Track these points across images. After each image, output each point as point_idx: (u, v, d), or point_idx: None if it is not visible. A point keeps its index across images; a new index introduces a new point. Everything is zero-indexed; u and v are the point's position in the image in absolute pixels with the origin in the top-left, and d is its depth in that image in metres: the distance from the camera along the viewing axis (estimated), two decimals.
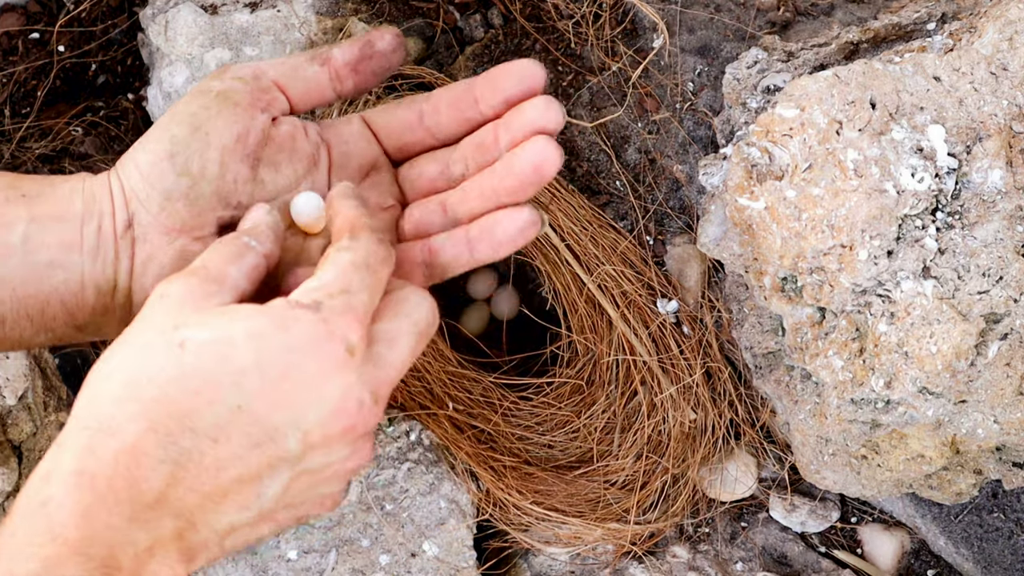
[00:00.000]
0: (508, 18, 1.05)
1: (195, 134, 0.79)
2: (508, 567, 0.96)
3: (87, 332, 0.81)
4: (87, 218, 0.79)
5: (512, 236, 0.81)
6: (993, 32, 0.83)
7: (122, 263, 0.79)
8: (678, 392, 0.96)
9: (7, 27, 1.07)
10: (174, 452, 0.68)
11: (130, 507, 0.68)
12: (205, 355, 0.69)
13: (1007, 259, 0.79)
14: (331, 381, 0.71)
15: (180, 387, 0.69)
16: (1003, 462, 0.88)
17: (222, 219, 0.80)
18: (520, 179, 0.81)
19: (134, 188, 0.79)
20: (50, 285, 0.78)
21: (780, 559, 0.97)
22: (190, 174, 0.79)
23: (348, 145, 0.84)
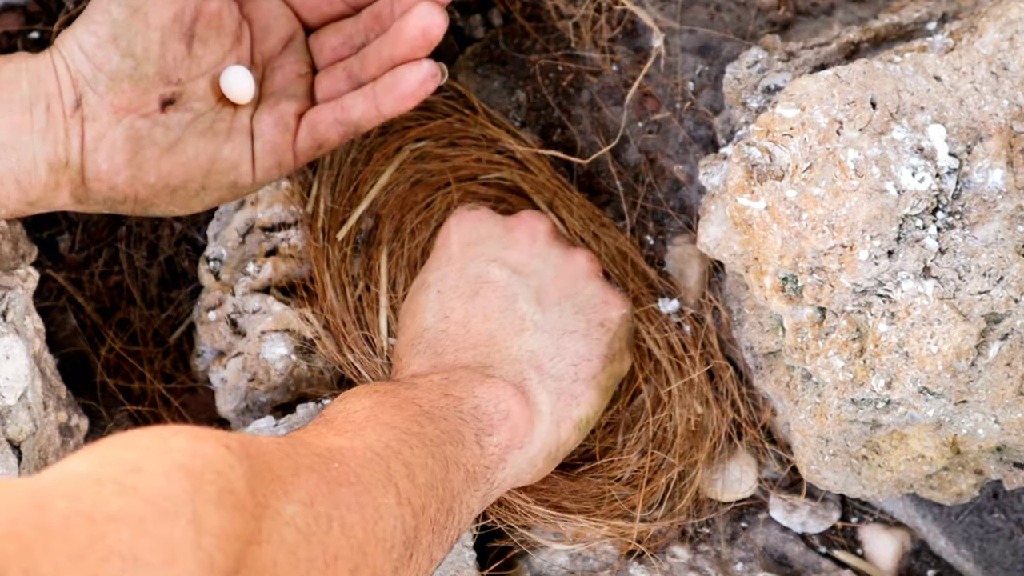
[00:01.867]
0: (508, 18, 1.05)
1: (135, 16, 0.83)
2: (509, 567, 0.96)
3: (38, 206, 0.84)
4: (35, 100, 0.82)
5: (414, 88, 0.87)
6: (994, 32, 0.83)
7: (72, 141, 0.83)
8: (683, 387, 0.96)
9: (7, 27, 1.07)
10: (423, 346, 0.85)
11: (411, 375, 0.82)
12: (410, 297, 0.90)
13: (1008, 259, 0.79)
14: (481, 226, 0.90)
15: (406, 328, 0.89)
16: (1004, 462, 0.88)
17: (164, 96, 0.84)
18: (410, 44, 0.86)
19: (80, 70, 0.83)
20: (4, 166, 0.82)
21: (780, 559, 0.97)
22: (134, 55, 0.83)
23: (268, 19, 0.89)
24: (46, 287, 1.03)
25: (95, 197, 0.85)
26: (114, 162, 0.83)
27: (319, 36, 0.91)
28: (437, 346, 0.84)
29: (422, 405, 0.76)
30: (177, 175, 0.85)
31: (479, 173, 1.00)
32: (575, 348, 0.86)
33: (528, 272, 0.87)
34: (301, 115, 0.89)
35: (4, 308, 0.88)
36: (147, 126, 0.84)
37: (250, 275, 0.97)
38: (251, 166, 0.87)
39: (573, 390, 0.85)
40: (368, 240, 0.99)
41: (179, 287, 1.05)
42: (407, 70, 0.87)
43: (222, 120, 0.87)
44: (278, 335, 0.96)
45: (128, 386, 1.02)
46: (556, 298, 0.87)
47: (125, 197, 0.85)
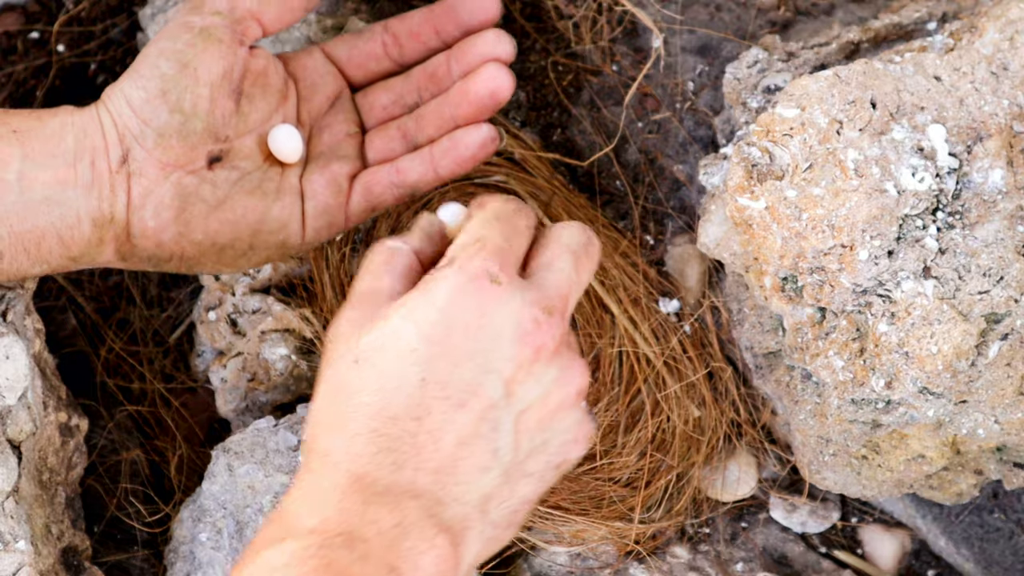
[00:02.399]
0: (508, 18, 1.05)
1: (184, 71, 0.82)
2: (508, 567, 0.96)
3: (81, 262, 0.83)
4: (79, 154, 0.81)
5: (474, 151, 0.85)
6: (994, 32, 0.83)
7: (118, 197, 0.82)
8: (682, 390, 0.96)
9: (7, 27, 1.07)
10: (385, 442, 0.69)
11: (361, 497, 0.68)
12: (376, 354, 0.70)
13: (1008, 259, 0.79)
14: (496, 315, 0.70)
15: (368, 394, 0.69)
16: (1004, 462, 0.88)
17: (211, 152, 0.83)
18: (476, 104, 0.85)
19: (127, 125, 0.82)
20: (46, 220, 0.80)
21: (780, 559, 0.97)
22: (182, 111, 0.82)
23: (313, 78, 0.88)
24: (46, 287, 1.03)
25: (140, 254, 0.83)
26: (161, 219, 0.82)
27: (367, 95, 0.90)
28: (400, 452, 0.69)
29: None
30: (225, 234, 0.84)
31: (476, 175, 1.00)
32: (524, 492, 0.73)
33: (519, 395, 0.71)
34: (353, 176, 0.87)
35: (4, 308, 0.88)
36: (195, 183, 0.83)
37: (250, 275, 0.97)
38: (301, 226, 0.86)
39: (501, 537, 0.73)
40: (366, 239, 0.99)
41: (179, 287, 1.05)
42: (466, 133, 0.85)
43: (270, 179, 0.85)
44: (278, 335, 0.96)
45: (128, 386, 1.02)
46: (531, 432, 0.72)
47: (171, 255, 0.84)
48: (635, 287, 0.98)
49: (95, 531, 0.96)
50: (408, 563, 0.67)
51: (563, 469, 0.75)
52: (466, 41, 0.87)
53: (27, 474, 0.86)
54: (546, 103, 1.03)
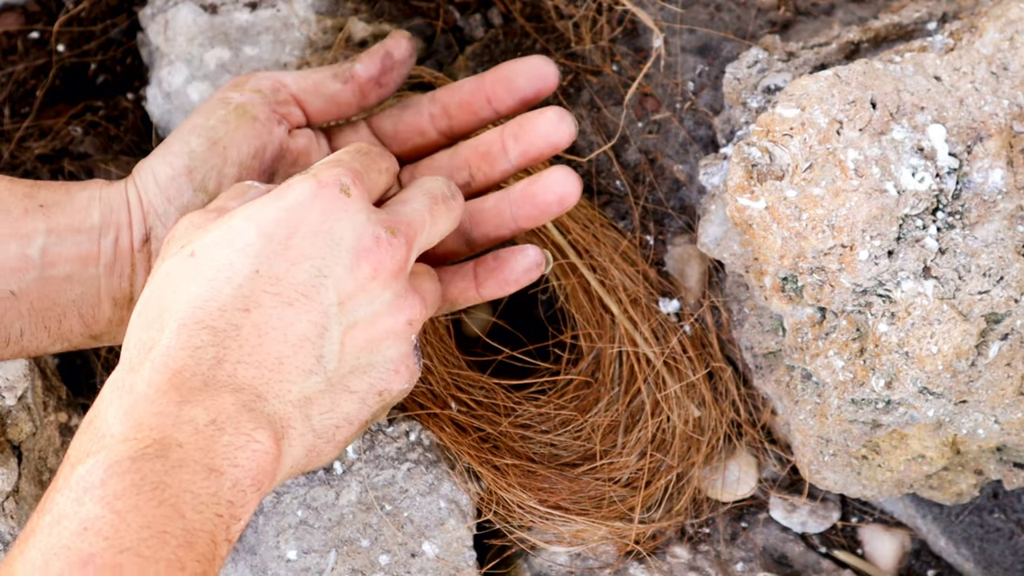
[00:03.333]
0: (508, 18, 1.05)
1: (213, 148, 0.80)
2: (508, 567, 0.96)
3: (102, 340, 0.81)
4: (104, 230, 0.79)
5: (518, 276, 0.82)
6: (994, 32, 0.83)
7: (139, 276, 0.80)
8: (682, 390, 0.96)
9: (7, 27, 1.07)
10: (207, 336, 0.68)
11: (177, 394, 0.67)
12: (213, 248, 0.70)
13: (1008, 259, 0.79)
14: (338, 222, 0.71)
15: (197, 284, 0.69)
16: (1004, 462, 0.88)
17: None
18: (541, 210, 0.82)
19: (152, 202, 0.80)
20: (67, 298, 0.78)
21: (780, 559, 0.97)
22: (207, 191, 0.80)
23: None
24: None
25: None
26: None
27: (415, 172, 0.86)
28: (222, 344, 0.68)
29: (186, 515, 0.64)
30: None
31: None
32: (346, 409, 0.73)
33: (349, 308, 0.71)
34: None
35: None
36: None
37: None
38: None
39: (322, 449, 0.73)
40: None
41: None
42: (512, 256, 0.82)
43: None
44: None
45: None
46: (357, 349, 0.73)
47: None
48: (635, 287, 0.98)
49: None
50: (226, 460, 0.66)
51: (385, 400, 0.75)
52: (525, 119, 0.84)
53: (27, 474, 0.86)
54: (546, 103, 1.03)
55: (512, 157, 0.84)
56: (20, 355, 0.80)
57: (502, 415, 0.97)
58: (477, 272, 0.82)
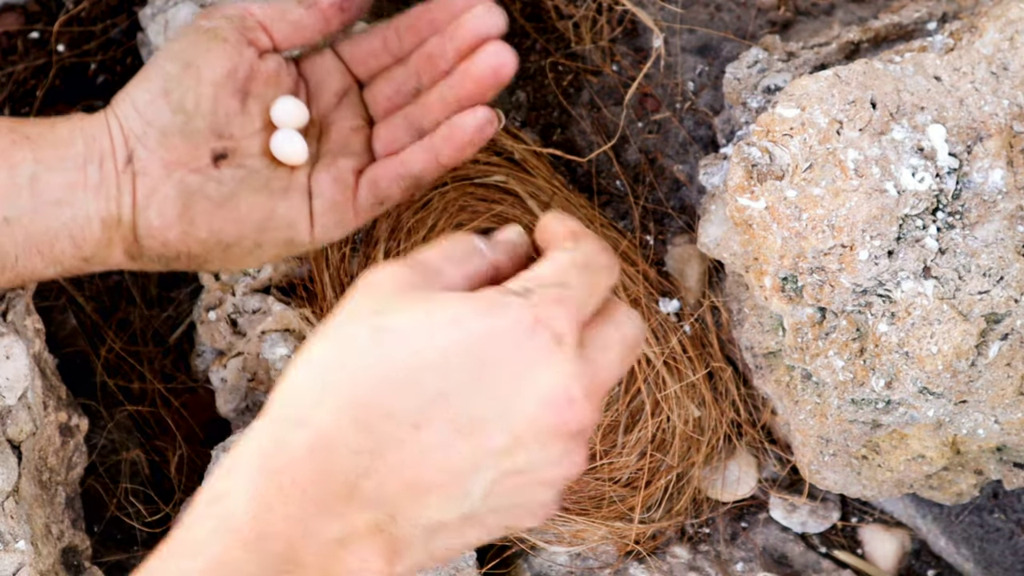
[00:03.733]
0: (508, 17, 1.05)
1: (187, 70, 0.83)
2: (508, 567, 0.96)
3: (93, 263, 0.84)
4: (89, 157, 0.82)
5: (471, 136, 0.85)
6: (994, 32, 0.83)
7: (124, 198, 0.83)
8: (682, 390, 0.96)
9: (7, 27, 1.07)
10: (370, 441, 0.63)
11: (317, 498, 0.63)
12: (406, 341, 0.64)
13: (1008, 259, 0.79)
14: (539, 372, 0.65)
15: (379, 375, 0.64)
16: (1004, 462, 0.88)
17: (216, 150, 0.84)
18: (479, 83, 0.85)
19: (131, 126, 0.83)
20: (59, 222, 0.81)
21: (780, 559, 0.97)
22: (185, 110, 0.83)
23: (322, 75, 0.88)
24: (46, 287, 1.03)
25: (148, 254, 0.84)
26: (165, 217, 0.83)
27: (371, 89, 0.90)
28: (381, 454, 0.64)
29: None
30: (230, 231, 0.84)
31: (476, 175, 1.00)
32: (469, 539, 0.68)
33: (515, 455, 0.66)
34: (360, 172, 0.87)
35: (4, 308, 0.88)
36: (199, 181, 0.83)
37: (250, 275, 0.97)
38: (309, 224, 0.86)
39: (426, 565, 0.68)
40: (366, 239, 0.99)
41: (179, 287, 1.05)
42: (463, 118, 0.85)
43: (278, 178, 0.86)
44: (278, 335, 0.96)
45: (128, 386, 1.02)
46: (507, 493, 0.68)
47: (178, 253, 0.84)
48: (635, 287, 0.98)
49: (95, 531, 0.96)
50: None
51: (507, 533, 0.71)
52: (457, 20, 0.87)
53: (27, 474, 0.86)
54: (546, 103, 1.03)
55: (449, 56, 0.87)
56: (15, 282, 0.83)
57: None
58: (434, 142, 0.86)
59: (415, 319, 0.64)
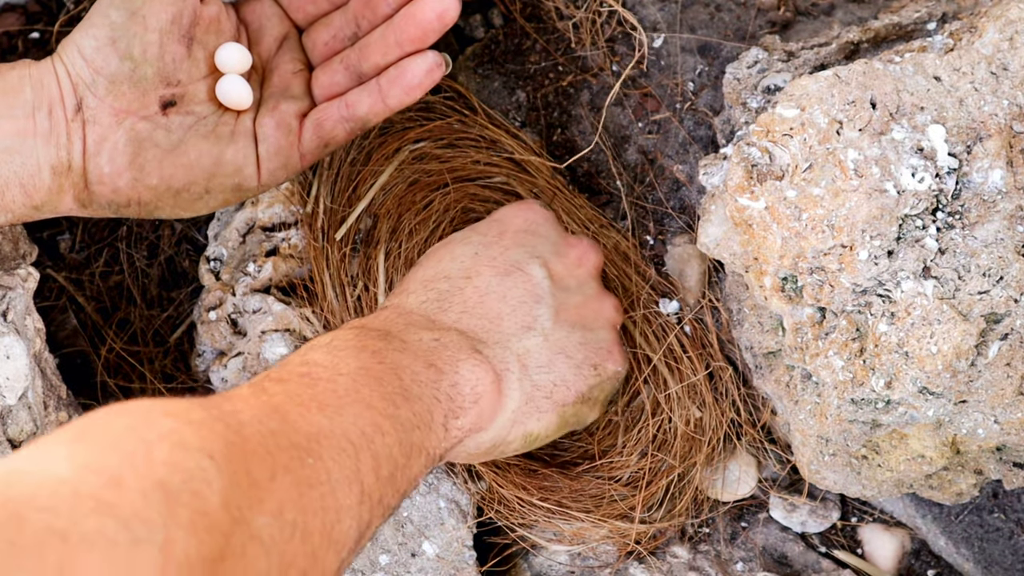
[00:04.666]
0: (508, 18, 1.05)
1: (133, 18, 0.83)
2: (509, 567, 0.96)
3: (43, 211, 0.85)
4: (38, 105, 0.83)
5: (420, 79, 0.86)
6: (993, 32, 0.83)
7: (75, 145, 0.84)
8: (682, 390, 0.96)
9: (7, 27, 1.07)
10: (434, 292, 0.83)
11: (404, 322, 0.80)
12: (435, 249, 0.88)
13: (1007, 259, 0.79)
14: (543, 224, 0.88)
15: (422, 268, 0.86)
16: (1004, 462, 0.88)
17: (164, 97, 0.85)
18: (423, 27, 0.85)
19: (80, 74, 0.84)
20: (8, 170, 0.82)
21: (780, 559, 0.97)
22: (132, 58, 0.84)
23: (262, 21, 0.90)
24: (46, 287, 1.03)
25: (99, 201, 0.85)
26: (115, 164, 0.84)
27: (310, 34, 0.91)
28: (447, 299, 0.83)
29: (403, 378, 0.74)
30: (179, 177, 0.85)
31: (477, 176, 1.00)
32: (563, 371, 0.85)
33: (561, 287, 0.86)
34: (304, 115, 0.89)
35: (5, 308, 0.88)
36: (148, 128, 0.84)
37: (250, 275, 0.97)
38: (256, 169, 0.87)
39: (541, 404, 0.84)
40: (367, 240, 0.99)
41: (179, 287, 1.05)
42: (411, 61, 0.86)
43: (225, 123, 0.87)
44: (279, 335, 0.96)
45: (128, 386, 1.02)
46: (571, 322, 0.86)
47: (128, 200, 0.85)
48: (635, 287, 0.98)
49: None
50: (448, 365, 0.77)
51: (603, 376, 0.87)
52: None
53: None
54: (546, 103, 1.03)
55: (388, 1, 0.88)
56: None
57: None
58: (381, 85, 0.87)
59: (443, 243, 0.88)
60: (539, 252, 0.86)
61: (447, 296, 0.82)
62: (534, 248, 0.86)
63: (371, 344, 0.74)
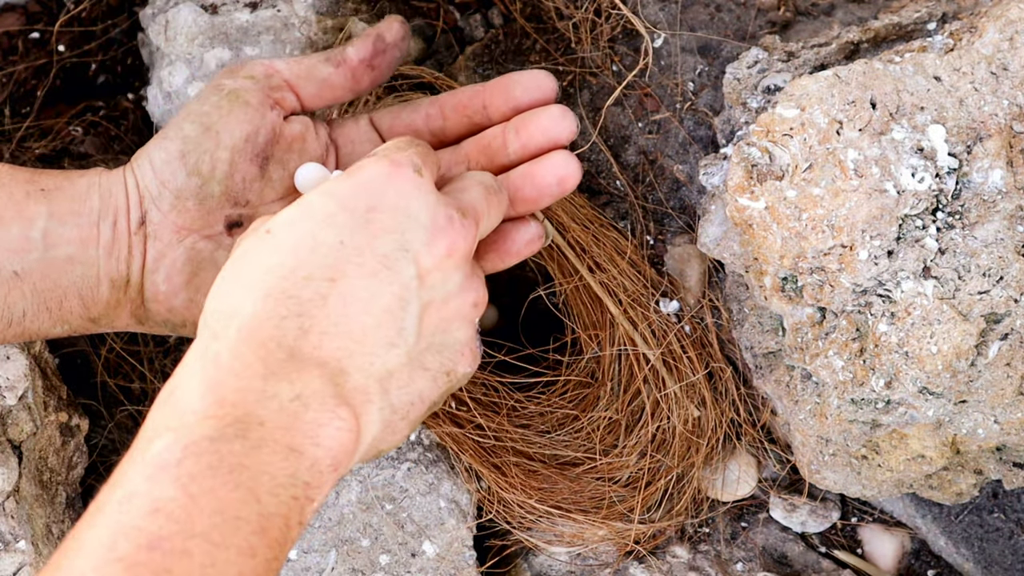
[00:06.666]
0: (508, 18, 1.05)
1: (206, 133, 0.80)
2: (509, 567, 0.96)
3: (100, 324, 0.82)
4: (103, 214, 0.80)
5: (519, 248, 0.82)
6: (993, 32, 0.83)
7: (135, 259, 0.81)
8: (682, 390, 0.96)
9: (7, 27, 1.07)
10: (294, 304, 0.68)
11: (263, 367, 0.66)
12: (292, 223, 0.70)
13: (1007, 259, 0.79)
14: (414, 200, 0.72)
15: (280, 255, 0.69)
16: (1003, 462, 0.88)
17: (230, 217, 0.81)
18: (540, 191, 0.82)
19: (147, 186, 0.81)
20: (68, 279, 0.80)
21: (780, 559, 0.97)
22: (200, 174, 0.80)
23: (355, 145, 0.85)
24: None
25: (155, 319, 0.82)
26: (172, 283, 0.81)
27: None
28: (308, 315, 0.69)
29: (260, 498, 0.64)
30: None
31: None
32: (420, 386, 0.74)
33: (427, 285, 0.73)
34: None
35: None
36: (210, 248, 0.81)
37: None
38: None
39: (397, 426, 0.74)
40: None
41: None
42: (514, 227, 0.82)
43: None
44: None
45: (128, 386, 1.02)
46: (431, 327, 0.74)
47: (184, 321, 0.82)
48: (635, 287, 0.98)
49: None
50: (308, 439, 0.66)
51: (453, 381, 0.76)
52: (528, 114, 0.84)
53: (28, 474, 0.86)
54: None
55: (511, 151, 0.84)
56: (21, 337, 0.81)
57: (502, 414, 0.97)
58: (479, 246, 0.82)
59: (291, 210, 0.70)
60: (410, 243, 0.72)
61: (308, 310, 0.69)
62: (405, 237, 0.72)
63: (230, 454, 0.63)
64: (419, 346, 0.73)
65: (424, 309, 0.72)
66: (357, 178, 0.72)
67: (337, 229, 0.70)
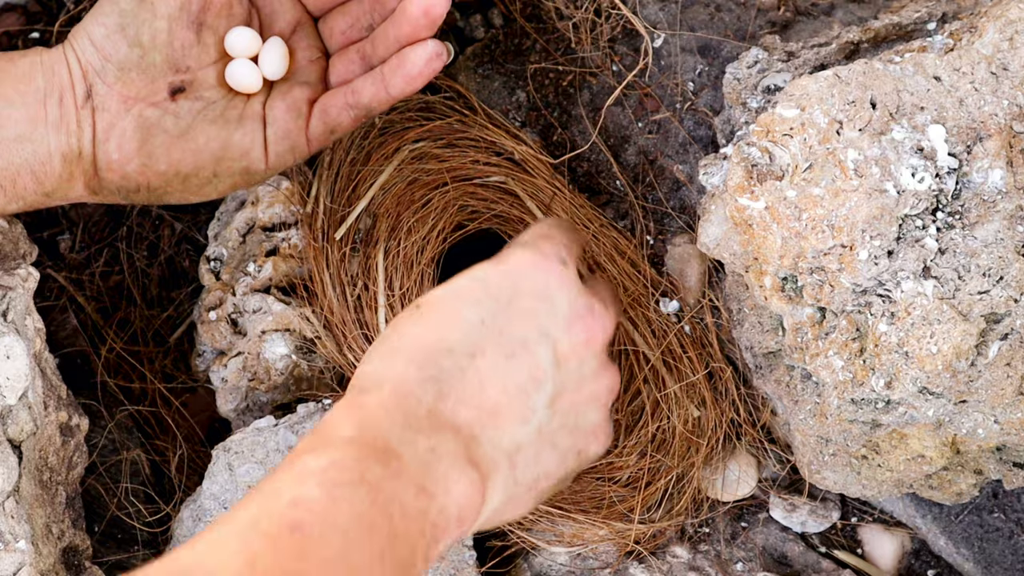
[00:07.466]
0: (508, 18, 1.05)
1: (142, 5, 0.84)
2: (509, 567, 0.96)
3: (54, 198, 0.86)
4: (48, 92, 0.84)
5: (420, 68, 0.86)
6: (993, 32, 0.83)
7: (84, 132, 0.84)
8: (682, 390, 0.96)
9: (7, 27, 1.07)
10: (434, 371, 0.73)
11: (403, 418, 0.70)
12: (439, 302, 0.76)
13: (1007, 259, 0.79)
14: (557, 290, 0.77)
15: (425, 329, 0.74)
16: (1003, 462, 0.88)
17: (173, 84, 0.86)
18: (413, 24, 0.86)
19: (89, 61, 0.84)
20: (20, 157, 0.83)
21: (780, 559, 0.97)
22: (141, 44, 0.84)
23: (274, 6, 0.90)
24: (47, 287, 1.03)
25: (108, 187, 0.86)
26: (124, 151, 0.84)
27: (327, 21, 0.92)
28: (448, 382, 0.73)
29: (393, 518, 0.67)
30: (188, 162, 0.86)
31: (476, 176, 1.00)
32: (548, 463, 0.78)
33: (564, 369, 0.77)
34: (313, 101, 0.89)
35: (5, 308, 0.88)
36: (157, 115, 0.85)
37: (250, 275, 0.97)
38: (263, 152, 0.88)
39: (522, 500, 0.77)
40: (366, 239, 0.99)
41: (179, 287, 1.05)
42: (412, 50, 0.87)
43: (234, 107, 0.87)
44: (278, 334, 0.96)
45: (128, 386, 1.02)
46: (565, 408, 0.78)
47: (138, 186, 0.86)
48: (635, 287, 0.98)
49: (95, 531, 0.96)
50: (439, 485, 0.69)
51: (582, 460, 0.80)
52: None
53: (27, 474, 0.86)
54: (546, 103, 1.03)
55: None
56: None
57: None
58: (384, 73, 0.87)
59: (444, 290, 0.76)
60: (549, 329, 0.76)
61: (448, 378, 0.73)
62: (544, 324, 0.76)
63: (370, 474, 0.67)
64: (551, 425, 0.77)
65: (559, 391, 0.76)
66: (506, 265, 0.77)
67: (480, 310, 0.75)
